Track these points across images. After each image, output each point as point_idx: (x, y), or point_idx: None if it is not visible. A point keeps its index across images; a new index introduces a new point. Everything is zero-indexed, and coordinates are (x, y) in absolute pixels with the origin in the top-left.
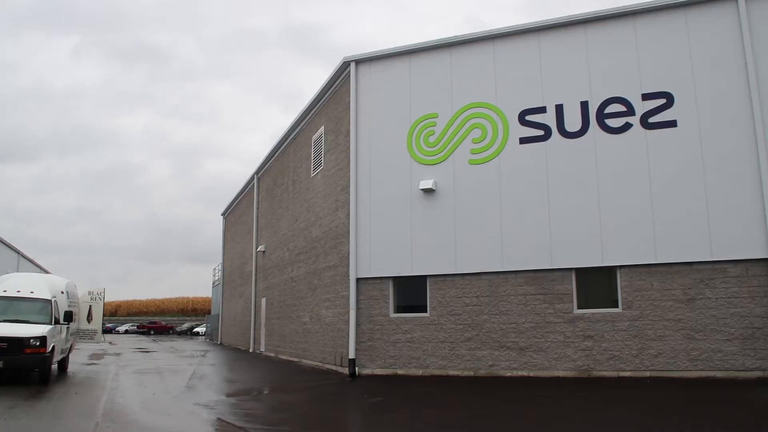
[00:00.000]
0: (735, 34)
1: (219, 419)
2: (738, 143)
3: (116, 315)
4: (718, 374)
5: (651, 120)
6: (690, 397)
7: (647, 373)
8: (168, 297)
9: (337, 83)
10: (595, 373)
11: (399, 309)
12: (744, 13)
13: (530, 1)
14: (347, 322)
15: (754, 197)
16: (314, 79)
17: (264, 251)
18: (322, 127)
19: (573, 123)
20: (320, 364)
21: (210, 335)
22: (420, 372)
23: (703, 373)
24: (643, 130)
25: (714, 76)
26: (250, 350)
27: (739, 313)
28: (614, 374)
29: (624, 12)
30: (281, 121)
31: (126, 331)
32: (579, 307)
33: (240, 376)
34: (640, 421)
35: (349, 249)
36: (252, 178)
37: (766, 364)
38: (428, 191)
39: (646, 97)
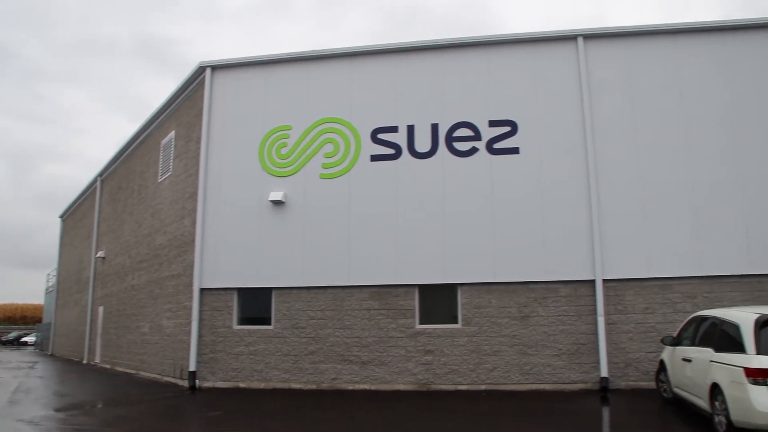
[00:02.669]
0: (573, 71)
1: None
2: (571, 173)
3: None
4: (547, 387)
5: (496, 146)
6: (522, 408)
7: (483, 387)
8: None
9: (191, 88)
10: (434, 387)
11: (243, 321)
12: (582, 52)
13: (385, 32)
14: (189, 333)
15: (583, 223)
16: (166, 90)
17: (104, 257)
18: (173, 132)
19: (423, 144)
20: (159, 376)
21: (41, 345)
22: (263, 385)
23: (534, 386)
24: (488, 154)
25: (554, 108)
26: (84, 361)
27: (567, 330)
28: (452, 388)
29: (478, 42)
30: (130, 129)
31: None
32: (421, 323)
33: (71, 389)
34: (479, 427)
35: (194, 258)
36: (95, 181)
37: (588, 377)
38: (278, 203)
39: (492, 123)
